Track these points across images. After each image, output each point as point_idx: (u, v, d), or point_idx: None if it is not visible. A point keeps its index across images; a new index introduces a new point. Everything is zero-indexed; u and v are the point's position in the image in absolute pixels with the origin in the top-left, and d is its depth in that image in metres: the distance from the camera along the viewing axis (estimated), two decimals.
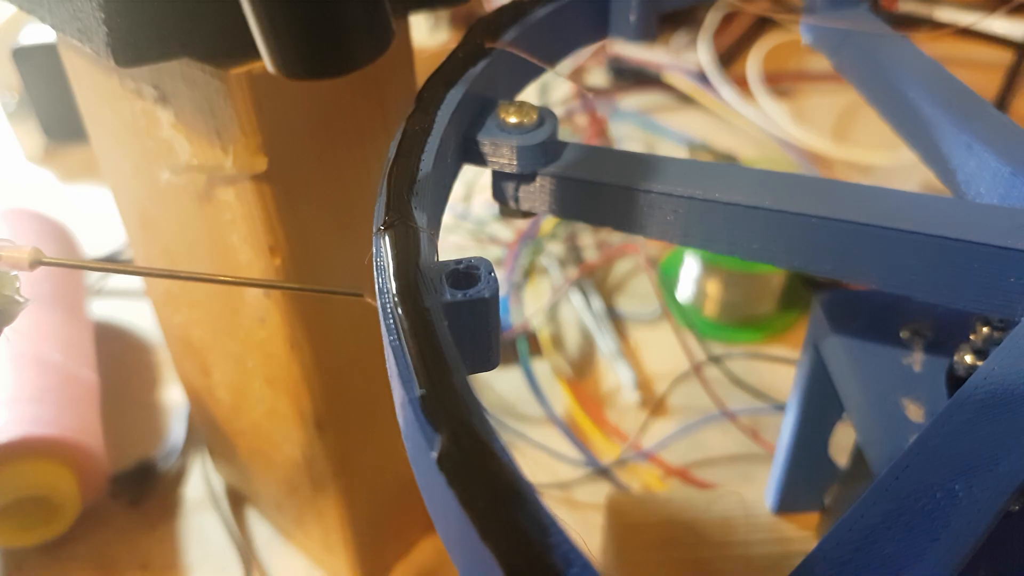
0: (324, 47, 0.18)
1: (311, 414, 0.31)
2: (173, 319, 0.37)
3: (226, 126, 0.24)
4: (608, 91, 0.79)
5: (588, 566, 0.11)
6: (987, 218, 0.20)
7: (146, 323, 0.54)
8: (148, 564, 0.40)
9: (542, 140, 0.22)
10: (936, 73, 0.27)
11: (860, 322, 0.27)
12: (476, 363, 0.18)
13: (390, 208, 0.18)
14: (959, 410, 0.17)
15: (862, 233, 0.20)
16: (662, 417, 0.47)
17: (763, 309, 0.53)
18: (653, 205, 0.22)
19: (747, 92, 0.75)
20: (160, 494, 0.43)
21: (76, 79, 0.31)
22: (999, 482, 0.15)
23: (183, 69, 0.24)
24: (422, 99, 0.21)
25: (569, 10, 0.27)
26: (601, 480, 0.44)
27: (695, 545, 0.33)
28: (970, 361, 0.23)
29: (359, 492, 0.35)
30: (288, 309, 0.28)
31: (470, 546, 0.12)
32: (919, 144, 0.26)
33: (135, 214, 0.33)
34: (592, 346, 0.52)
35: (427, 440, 0.13)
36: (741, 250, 0.22)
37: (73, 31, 0.21)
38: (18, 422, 0.37)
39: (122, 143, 0.30)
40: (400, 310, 0.15)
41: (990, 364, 0.18)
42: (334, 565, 0.39)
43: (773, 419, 0.46)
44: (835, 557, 0.15)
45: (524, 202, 0.23)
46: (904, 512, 0.15)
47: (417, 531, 0.41)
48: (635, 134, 0.73)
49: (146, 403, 0.49)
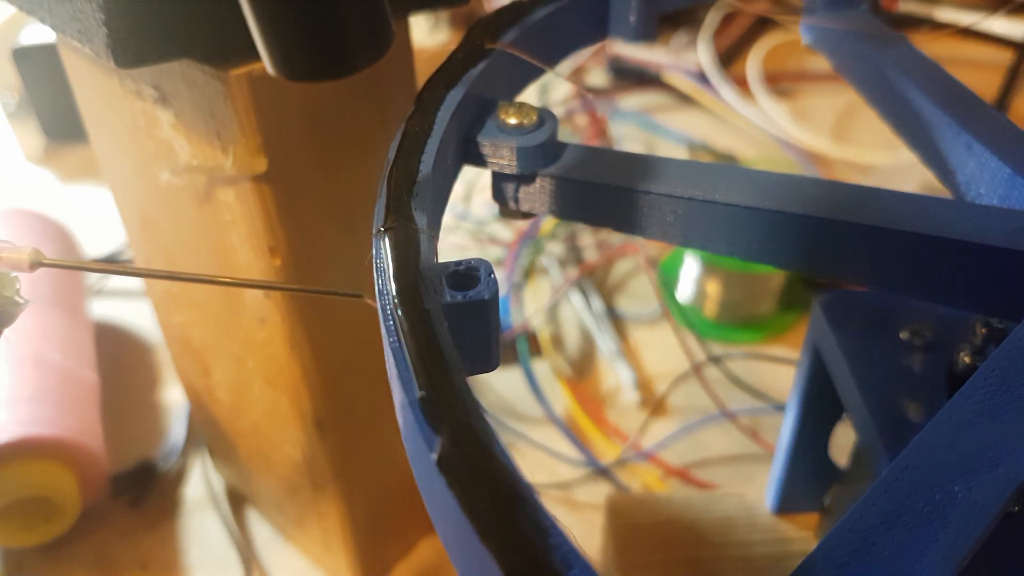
0: (324, 49, 0.18)
1: (311, 414, 0.31)
2: (173, 319, 0.37)
3: (226, 127, 0.24)
4: (608, 91, 0.79)
5: (588, 567, 0.11)
6: (987, 219, 0.20)
7: (146, 323, 0.55)
8: (148, 564, 0.40)
9: (542, 141, 0.22)
10: (936, 74, 0.27)
11: (860, 322, 0.27)
12: (476, 364, 0.18)
13: (390, 209, 0.18)
14: (959, 411, 0.17)
15: (862, 234, 0.20)
16: (662, 417, 0.47)
17: (763, 309, 0.53)
18: (653, 206, 0.22)
19: (747, 92, 0.75)
20: (160, 494, 0.43)
21: (76, 79, 0.31)
22: (999, 483, 0.15)
23: (183, 70, 0.24)
24: (422, 100, 0.21)
25: (569, 11, 0.27)
26: (601, 480, 0.44)
27: (695, 545, 0.33)
28: (970, 361, 0.23)
29: (359, 492, 0.35)
30: (288, 310, 0.28)
31: (470, 548, 0.12)
32: (919, 145, 0.26)
33: (135, 214, 0.33)
34: (592, 346, 0.52)
35: (427, 442, 0.13)
36: (741, 251, 0.22)
37: (73, 32, 0.21)
38: (18, 422, 0.37)
39: (122, 143, 0.30)
40: (400, 312, 0.15)
41: (990, 365, 0.18)
42: (334, 565, 0.39)
43: (773, 419, 0.46)
44: (835, 558, 0.15)
45: (524, 203, 0.23)
46: (904, 513, 0.15)
47: (417, 531, 0.41)
48: (635, 134, 0.73)
49: (146, 403, 0.49)
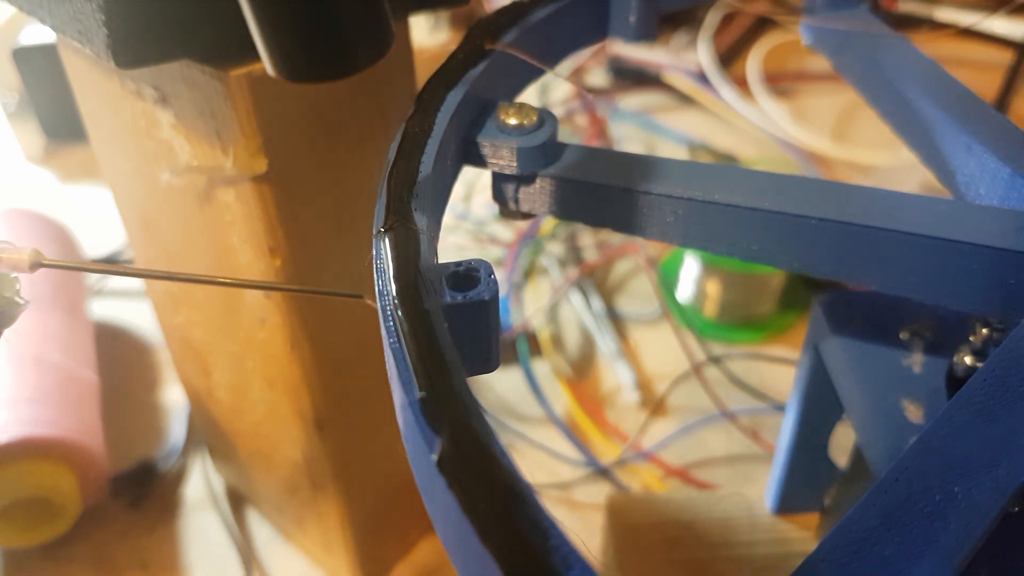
0: (324, 50, 0.18)
1: (311, 414, 0.31)
2: (173, 320, 0.37)
3: (226, 127, 0.24)
4: (608, 91, 0.79)
5: (588, 568, 0.11)
6: (987, 220, 0.20)
7: (146, 323, 0.55)
8: (148, 564, 0.40)
9: (542, 141, 0.22)
10: (936, 74, 0.27)
11: (860, 323, 0.27)
12: (476, 365, 0.18)
13: (390, 210, 0.18)
14: (959, 411, 0.17)
15: (862, 234, 0.20)
16: (662, 417, 0.47)
17: (763, 309, 0.53)
18: (653, 206, 0.22)
19: (747, 92, 0.75)
20: (160, 494, 0.43)
21: (76, 80, 0.31)
22: (998, 484, 0.15)
23: (183, 70, 0.24)
24: (422, 100, 0.21)
25: (569, 11, 0.27)
26: (601, 480, 0.44)
27: (695, 545, 0.33)
28: (969, 362, 0.23)
29: (359, 492, 0.35)
30: (288, 310, 0.28)
31: (470, 548, 0.12)
32: (919, 145, 0.26)
33: (135, 215, 0.33)
34: (592, 346, 0.52)
35: (427, 442, 0.13)
36: (741, 251, 0.22)
37: (73, 32, 0.21)
38: (18, 423, 0.37)
39: (122, 144, 0.30)
40: (400, 312, 0.15)
41: (990, 365, 0.18)
42: (334, 565, 0.39)
43: (773, 419, 0.46)
44: (835, 559, 0.15)
45: (524, 203, 0.23)
46: (903, 514, 0.15)
47: (417, 531, 0.41)
48: (635, 134, 0.73)
49: (146, 403, 0.49)
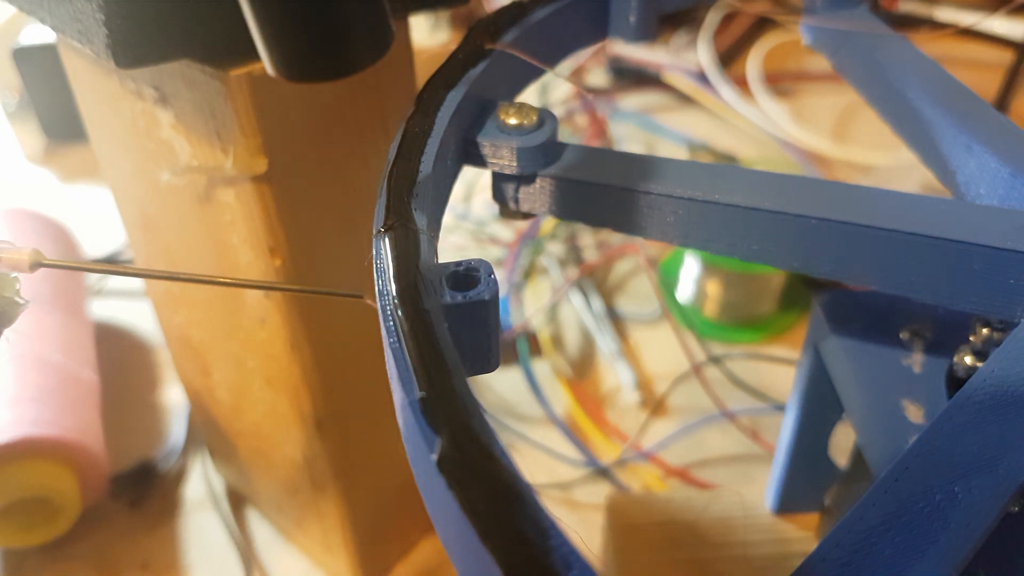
0: (324, 50, 0.18)
1: (311, 414, 0.31)
2: (173, 319, 0.37)
3: (226, 127, 0.24)
4: (608, 91, 0.79)
5: (588, 568, 0.11)
6: (987, 219, 0.20)
7: (146, 323, 0.54)
8: (148, 564, 0.40)
9: (542, 141, 0.22)
10: (936, 74, 0.27)
11: (860, 323, 0.27)
12: (476, 365, 0.18)
13: (390, 210, 0.18)
14: (959, 411, 0.17)
15: (862, 234, 0.20)
16: (662, 417, 0.47)
17: (763, 309, 0.53)
18: (653, 206, 0.22)
19: (747, 92, 0.75)
20: (160, 494, 0.43)
21: (76, 80, 0.31)
22: (999, 484, 0.15)
23: (183, 70, 0.24)
24: (422, 100, 0.21)
25: (569, 11, 0.27)
26: (601, 480, 0.44)
27: (695, 545, 0.33)
28: (970, 362, 0.23)
29: (359, 492, 0.35)
30: (288, 310, 0.28)
31: (470, 548, 0.12)
32: (919, 145, 0.26)
33: (135, 215, 0.33)
34: (592, 346, 0.52)
35: (427, 442, 0.13)
36: (741, 251, 0.22)
37: (73, 32, 0.21)
38: (18, 423, 0.37)
39: (122, 144, 0.30)
40: (400, 312, 0.15)
41: (990, 365, 0.18)
42: (334, 565, 0.39)
43: (773, 419, 0.46)
44: (835, 558, 0.15)
45: (524, 203, 0.23)
46: (904, 514, 0.15)
47: (417, 531, 0.41)
48: (635, 134, 0.73)
49: (146, 403, 0.49)
